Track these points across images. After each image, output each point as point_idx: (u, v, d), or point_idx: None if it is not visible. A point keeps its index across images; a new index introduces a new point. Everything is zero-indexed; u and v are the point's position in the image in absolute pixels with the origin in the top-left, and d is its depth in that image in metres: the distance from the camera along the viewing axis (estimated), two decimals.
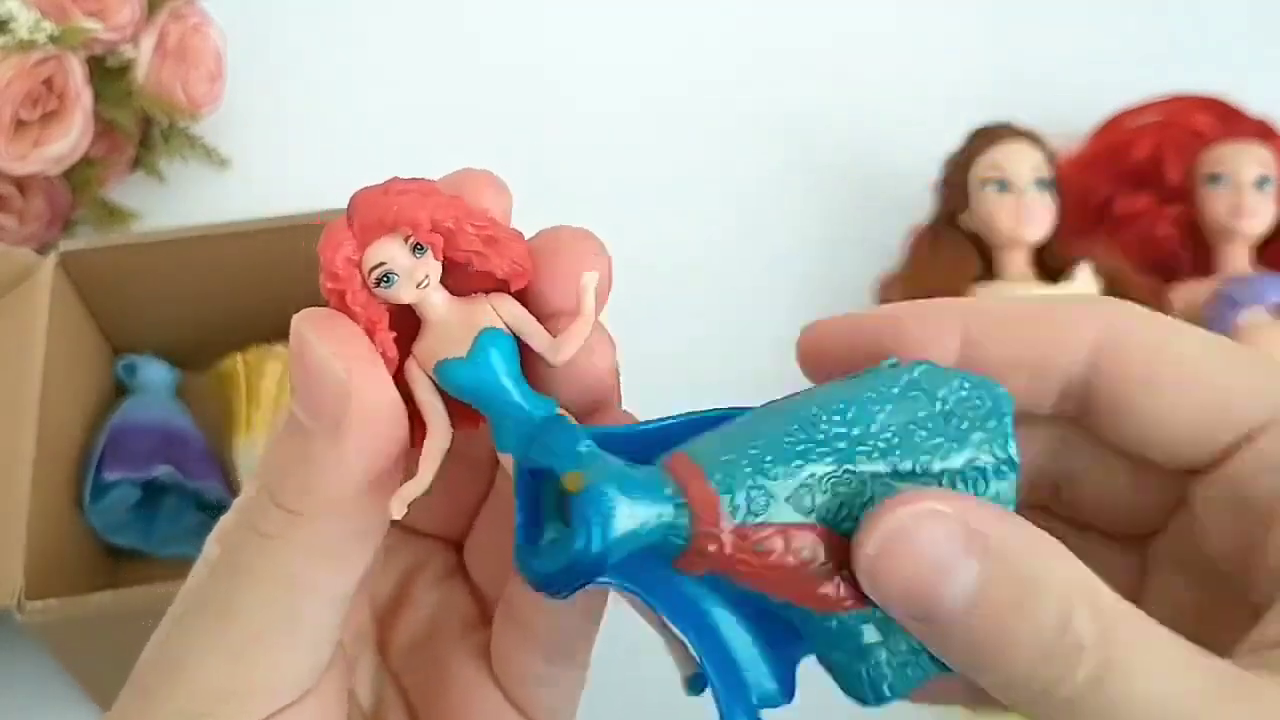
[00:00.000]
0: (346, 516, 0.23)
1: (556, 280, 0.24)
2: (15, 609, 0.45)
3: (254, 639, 0.23)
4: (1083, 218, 0.66)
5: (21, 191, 0.62)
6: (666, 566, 0.22)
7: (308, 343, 0.22)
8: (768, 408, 0.23)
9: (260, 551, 0.23)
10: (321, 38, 0.78)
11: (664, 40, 0.79)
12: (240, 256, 0.57)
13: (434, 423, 0.23)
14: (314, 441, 0.22)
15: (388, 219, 0.22)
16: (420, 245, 0.22)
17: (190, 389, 0.60)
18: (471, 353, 0.23)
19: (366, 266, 0.22)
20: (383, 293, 0.22)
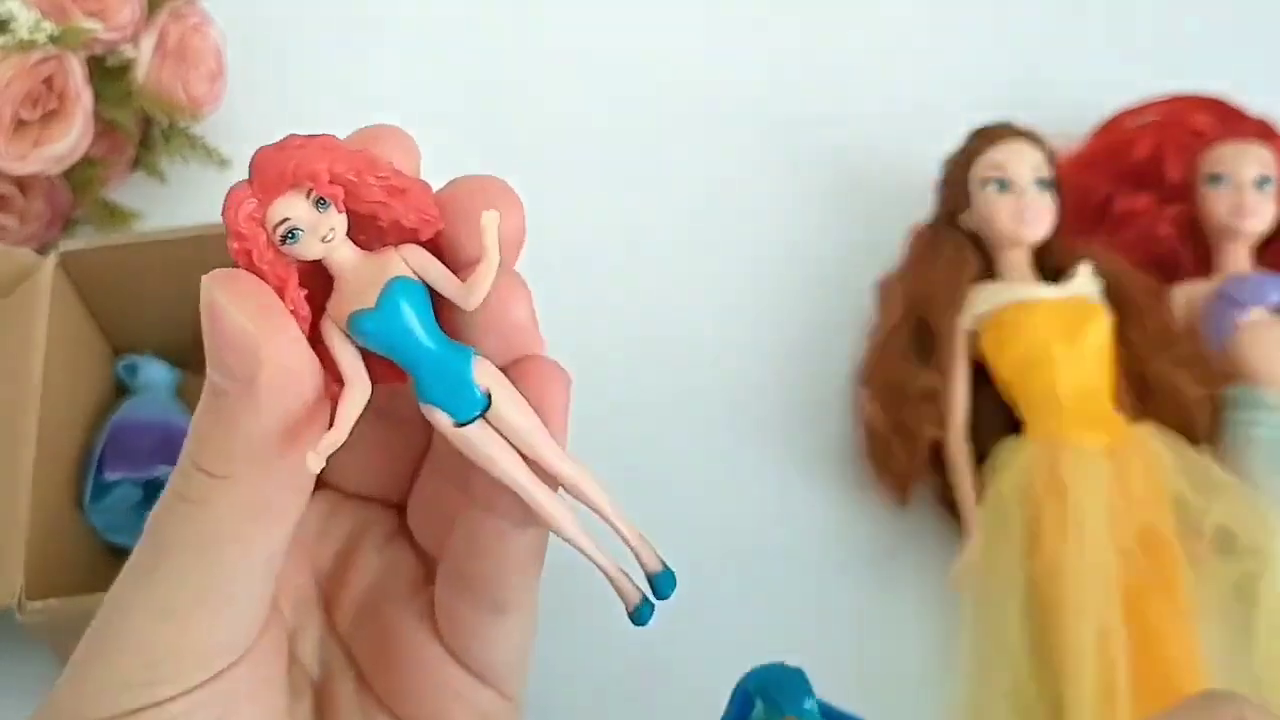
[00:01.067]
0: (266, 474, 0.23)
1: (468, 227, 0.24)
2: (15, 609, 0.45)
3: (185, 604, 0.23)
4: (1083, 218, 0.66)
5: (22, 191, 0.62)
6: None
7: (216, 303, 0.22)
8: None
9: (186, 517, 0.23)
10: (322, 38, 0.78)
11: (664, 40, 0.79)
12: None
13: (350, 377, 0.23)
14: (230, 403, 0.23)
15: (287, 173, 0.22)
16: (322, 200, 0.22)
17: (190, 389, 0.60)
18: (380, 302, 0.22)
19: (270, 224, 0.22)
20: (289, 249, 0.22)
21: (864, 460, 0.61)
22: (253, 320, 0.22)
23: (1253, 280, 0.62)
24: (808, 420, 0.63)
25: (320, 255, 0.22)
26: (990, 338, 0.60)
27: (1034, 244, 0.62)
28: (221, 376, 0.22)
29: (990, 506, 0.56)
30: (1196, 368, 0.60)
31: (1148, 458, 0.57)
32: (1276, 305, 0.61)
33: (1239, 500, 0.56)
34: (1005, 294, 0.60)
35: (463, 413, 0.23)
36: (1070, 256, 0.61)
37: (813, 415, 0.63)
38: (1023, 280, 0.61)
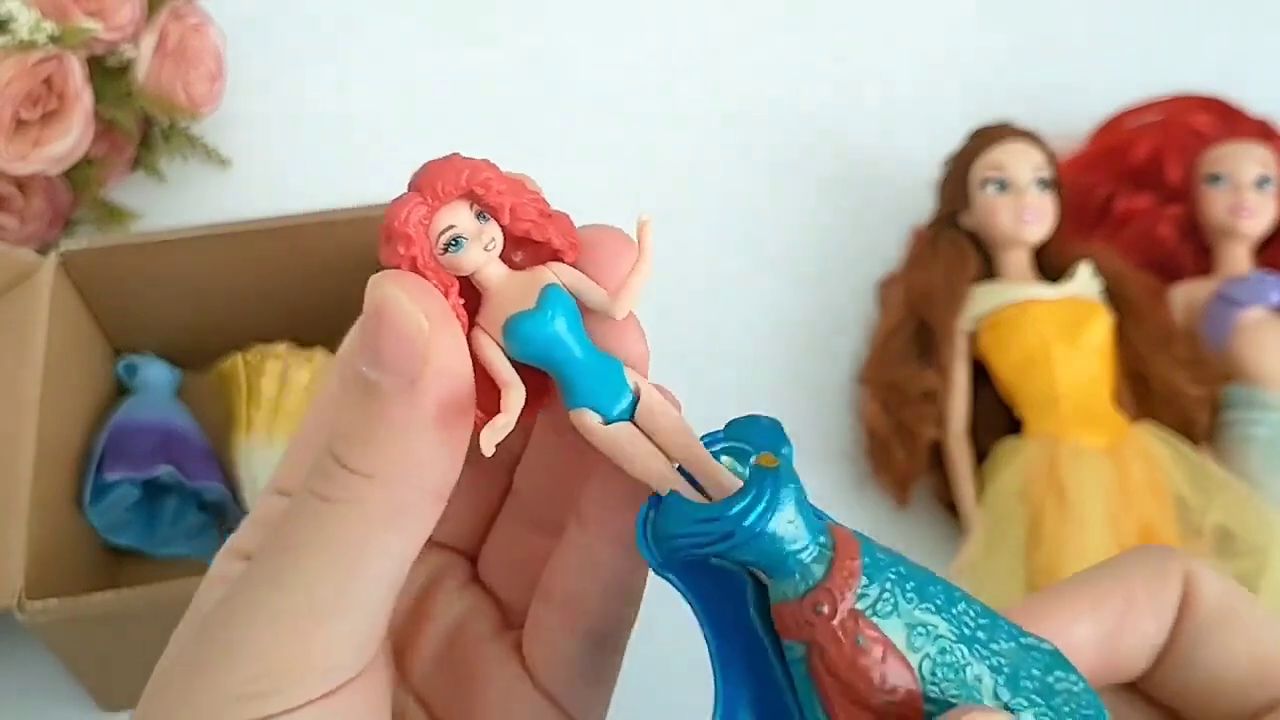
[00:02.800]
0: (414, 475, 0.22)
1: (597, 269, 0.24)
2: (16, 609, 0.45)
3: (312, 612, 0.22)
4: (1083, 218, 0.67)
5: (22, 191, 0.62)
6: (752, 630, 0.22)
7: (390, 296, 0.22)
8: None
9: (325, 517, 0.22)
10: (321, 38, 0.78)
11: (665, 41, 0.80)
12: (240, 256, 0.57)
13: (508, 379, 0.23)
14: (386, 399, 0.22)
15: (460, 181, 0.22)
16: (483, 213, 0.23)
17: (190, 389, 0.60)
18: (539, 303, 0.23)
19: (434, 231, 0.22)
20: (450, 258, 0.22)
21: (864, 459, 0.61)
22: (424, 313, 0.22)
23: (1252, 280, 0.62)
24: (808, 420, 0.63)
25: (478, 266, 0.23)
26: (990, 337, 0.60)
27: (1034, 244, 0.62)
28: (380, 371, 0.22)
29: (990, 506, 0.57)
30: (1196, 367, 0.60)
31: (1147, 457, 0.57)
32: (1275, 305, 0.61)
33: (1238, 499, 0.56)
34: (1005, 294, 0.60)
35: (613, 409, 0.23)
36: (1070, 256, 0.61)
37: (813, 415, 0.63)
38: (1023, 280, 0.61)
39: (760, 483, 0.21)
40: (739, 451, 0.23)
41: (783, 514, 0.21)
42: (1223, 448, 0.59)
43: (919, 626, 0.21)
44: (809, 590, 0.21)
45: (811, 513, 0.22)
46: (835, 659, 0.21)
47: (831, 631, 0.21)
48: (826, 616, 0.21)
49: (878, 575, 0.22)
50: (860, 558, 0.22)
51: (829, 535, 0.22)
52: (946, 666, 0.21)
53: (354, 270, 0.59)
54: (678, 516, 0.22)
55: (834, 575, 0.21)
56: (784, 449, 0.22)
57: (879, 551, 0.22)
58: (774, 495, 0.21)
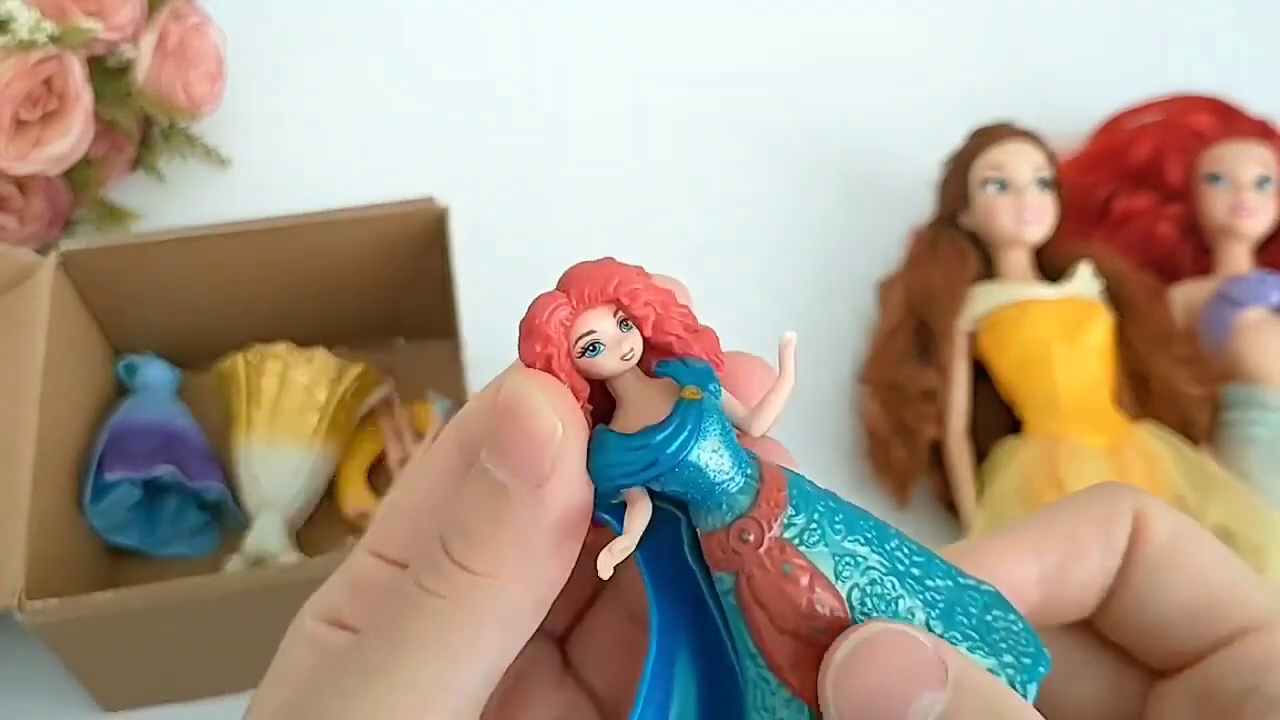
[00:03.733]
0: (530, 584, 0.22)
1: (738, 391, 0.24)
2: (16, 609, 0.45)
3: (417, 704, 0.21)
4: (1083, 218, 0.67)
5: (22, 191, 0.62)
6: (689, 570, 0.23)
7: (526, 395, 0.22)
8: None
9: (436, 614, 0.22)
10: (321, 38, 0.78)
11: (665, 40, 0.80)
12: (240, 256, 0.57)
13: (633, 493, 0.23)
14: (508, 501, 0.22)
15: (608, 289, 0.22)
16: (627, 321, 0.23)
17: (190, 389, 0.60)
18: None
19: (575, 335, 0.22)
20: (586, 362, 0.22)
21: (864, 459, 0.61)
22: (562, 420, 0.22)
23: (1252, 280, 0.62)
24: (808, 419, 0.63)
25: (614, 373, 0.23)
26: (990, 337, 0.60)
27: (1034, 244, 0.62)
28: (506, 472, 0.22)
29: (990, 506, 0.57)
30: (1195, 367, 0.60)
31: (1147, 456, 0.57)
32: (1275, 305, 0.61)
33: (1237, 499, 0.56)
34: (1005, 294, 0.60)
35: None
36: (1070, 256, 0.61)
37: (813, 414, 0.63)
38: (1023, 280, 0.61)
39: (684, 413, 0.22)
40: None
41: (706, 443, 0.22)
42: (1223, 448, 0.59)
43: (848, 557, 0.22)
44: (735, 520, 0.22)
45: (738, 447, 0.22)
46: (762, 586, 0.22)
47: (758, 559, 0.22)
48: (753, 545, 0.22)
49: (805, 506, 0.22)
50: (787, 489, 0.22)
51: (756, 467, 0.22)
52: (877, 597, 0.22)
53: (354, 270, 0.59)
54: (610, 447, 0.22)
55: (760, 505, 0.22)
56: (710, 385, 0.23)
57: (808, 485, 0.23)
58: (696, 425, 0.22)
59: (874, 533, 0.22)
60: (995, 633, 0.23)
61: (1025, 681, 0.22)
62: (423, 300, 0.59)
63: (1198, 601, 0.24)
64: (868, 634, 0.21)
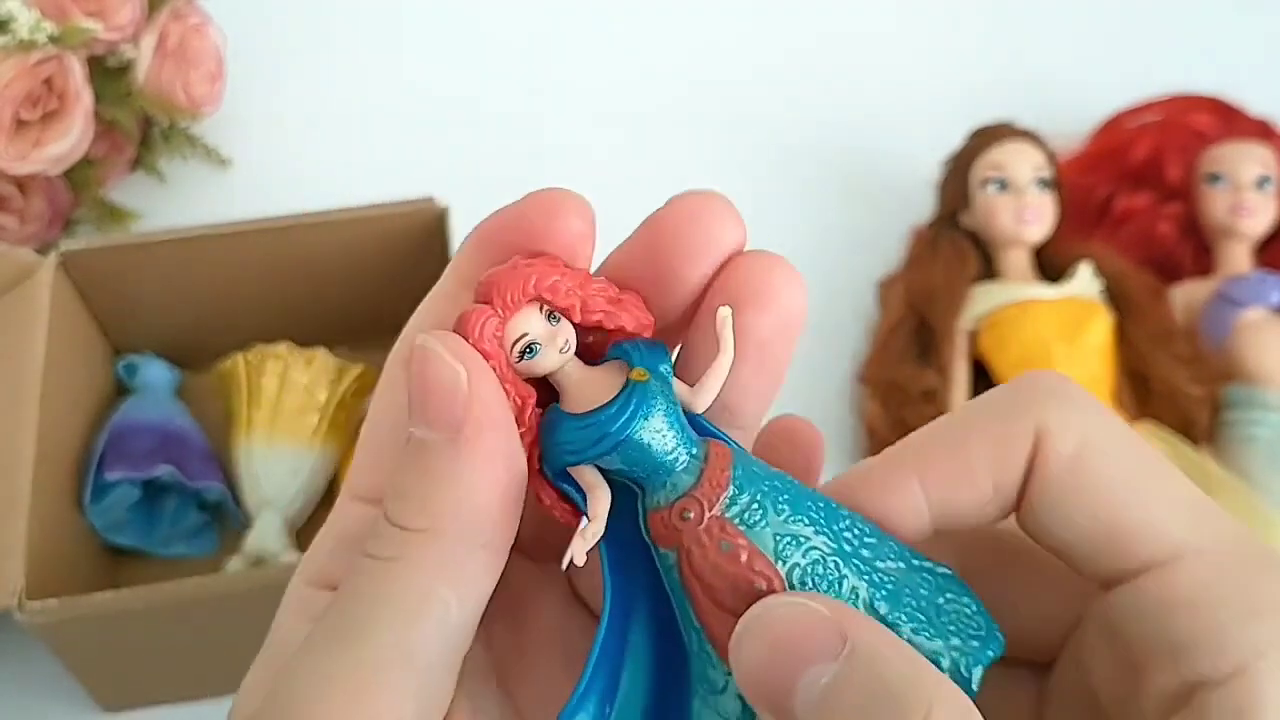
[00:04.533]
0: (469, 530, 0.22)
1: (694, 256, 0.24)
2: (15, 609, 0.45)
3: (375, 667, 0.21)
4: (1083, 218, 0.67)
5: (22, 191, 0.62)
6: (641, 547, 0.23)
7: (430, 351, 0.22)
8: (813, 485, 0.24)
9: (380, 575, 0.22)
10: (321, 38, 0.78)
11: (665, 41, 0.80)
12: (240, 256, 0.57)
13: (592, 482, 0.23)
14: (431, 454, 0.22)
15: (528, 289, 0.23)
16: (554, 314, 0.23)
17: (190, 389, 0.60)
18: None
19: (509, 340, 0.23)
20: (525, 365, 0.23)
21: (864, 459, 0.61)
22: (462, 365, 0.22)
23: (1252, 280, 0.62)
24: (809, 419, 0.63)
25: (555, 367, 0.23)
26: (990, 337, 0.60)
27: (1034, 244, 0.62)
28: (426, 425, 0.22)
29: None
30: (1196, 367, 0.60)
31: None
32: (1275, 305, 0.61)
33: (1238, 499, 0.56)
34: (1005, 294, 0.60)
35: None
36: (1070, 256, 0.61)
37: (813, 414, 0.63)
38: (1023, 280, 0.61)
39: (629, 394, 0.23)
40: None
41: (649, 422, 0.22)
42: (1223, 447, 0.59)
43: (789, 537, 0.22)
44: (679, 498, 0.22)
45: (685, 427, 0.23)
46: (700, 563, 0.22)
47: (697, 536, 0.22)
48: (693, 522, 0.22)
49: (749, 486, 0.23)
50: (731, 469, 0.23)
51: (702, 447, 0.23)
52: (819, 577, 0.22)
53: (354, 270, 0.59)
54: (559, 427, 0.23)
55: (702, 484, 0.22)
56: (662, 367, 0.23)
57: (756, 466, 0.23)
58: (640, 404, 0.22)
59: (822, 514, 0.23)
60: (944, 615, 0.23)
61: (971, 665, 0.22)
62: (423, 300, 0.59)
63: (1098, 531, 0.22)
64: (764, 606, 0.21)
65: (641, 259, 0.24)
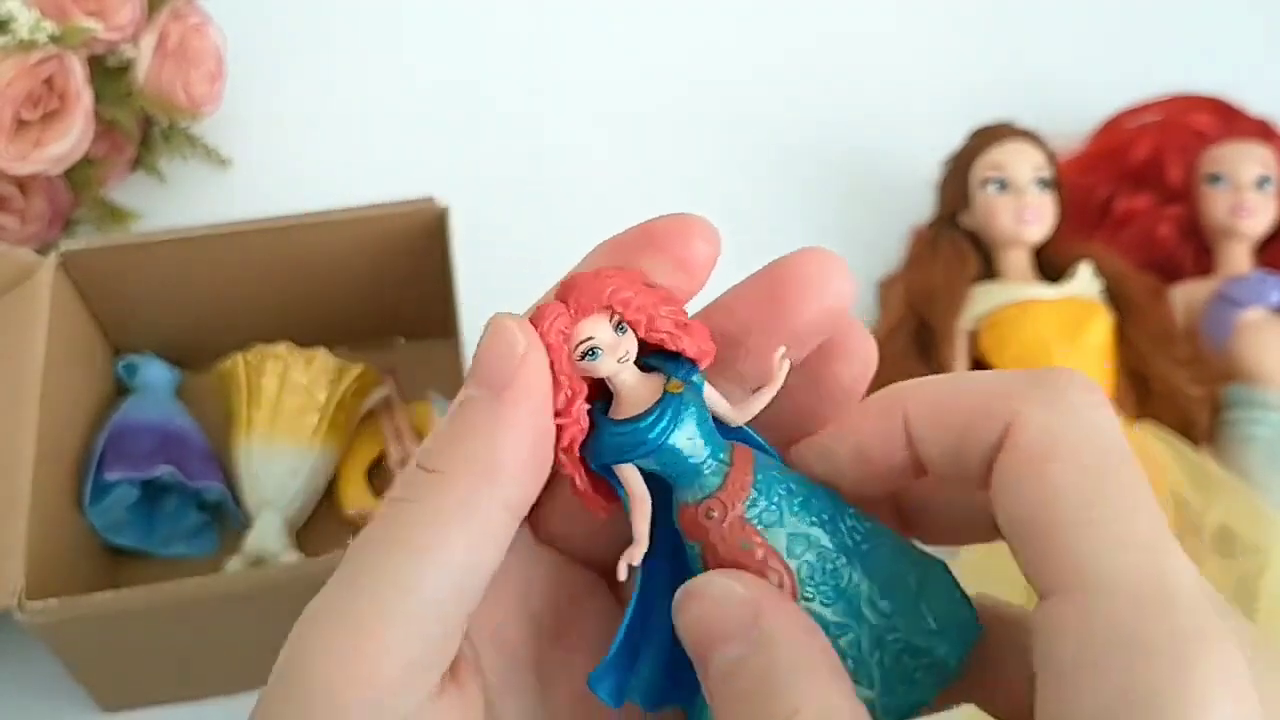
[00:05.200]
0: (484, 478, 0.23)
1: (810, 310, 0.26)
2: (15, 609, 0.45)
3: (379, 607, 0.22)
4: (1083, 218, 0.67)
5: (22, 191, 0.62)
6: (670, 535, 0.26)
7: (500, 324, 0.24)
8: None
9: (394, 517, 0.23)
10: (321, 38, 0.78)
11: (665, 41, 0.80)
12: (240, 256, 0.57)
13: (635, 491, 0.25)
14: (470, 409, 0.24)
15: (602, 299, 0.25)
16: (623, 325, 0.25)
17: (190, 389, 0.60)
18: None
19: (575, 341, 0.25)
20: (585, 365, 0.25)
21: None
22: (525, 339, 0.24)
23: (1252, 280, 0.62)
24: None
25: (611, 373, 0.25)
26: (990, 337, 0.60)
27: (1034, 244, 0.62)
28: (476, 385, 0.24)
29: None
30: (1196, 367, 0.60)
31: (1147, 457, 0.57)
32: (1275, 305, 0.61)
33: (1239, 499, 0.56)
34: (1005, 294, 0.60)
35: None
36: (1070, 256, 0.61)
37: None
38: (1023, 280, 0.61)
39: (665, 404, 0.25)
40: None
41: (682, 431, 0.25)
42: (1223, 448, 0.59)
43: (800, 536, 0.25)
44: (705, 498, 0.25)
45: (714, 434, 0.25)
46: (723, 558, 0.25)
47: (720, 534, 0.25)
48: (716, 520, 0.25)
49: (768, 491, 0.25)
50: (753, 475, 0.25)
51: (729, 453, 0.25)
52: (823, 572, 0.25)
53: (354, 270, 0.59)
54: (603, 431, 0.25)
55: (727, 487, 0.25)
56: (694, 378, 0.25)
57: (775, 472, 0.26)
58: (675, 415, 0.25)
59: (829, 514, 0.25)
60: (926, 602, 0.25)
61: (946, 656, 0.25)
62: (423, 300, 0.59)
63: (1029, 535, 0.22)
64: (703, 580, 0.24)
65: (756, 302, 0.27)
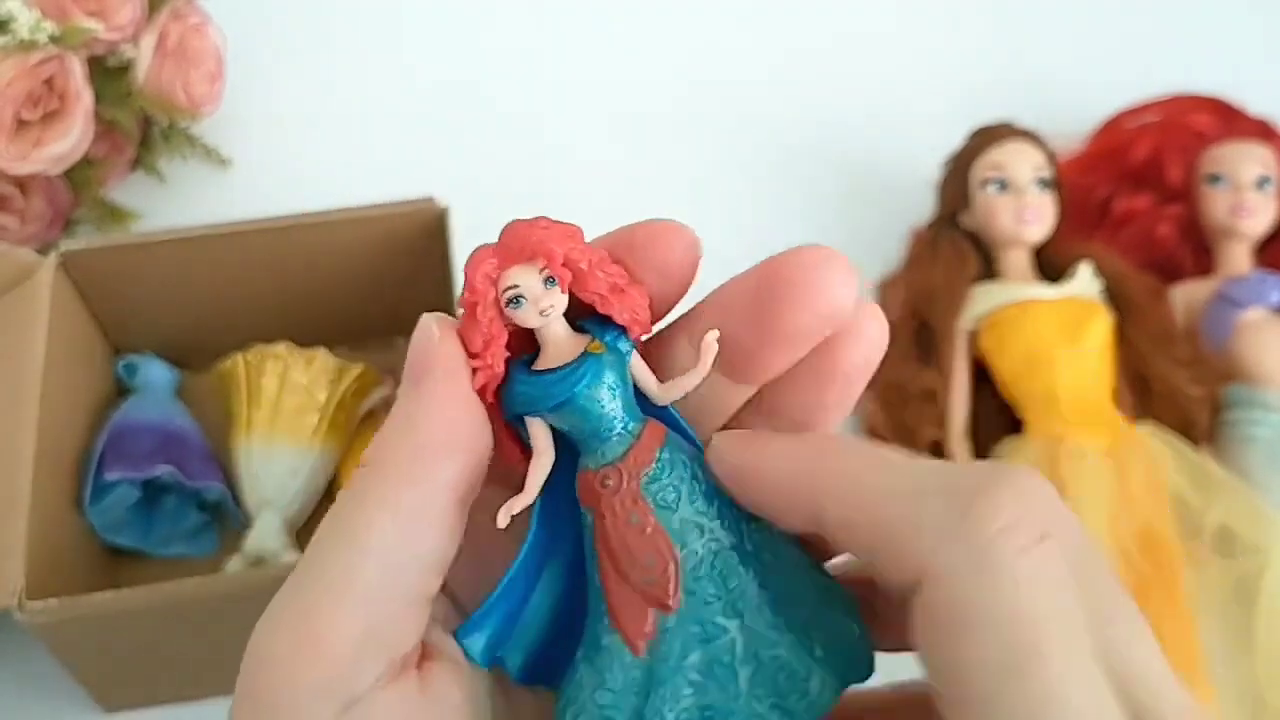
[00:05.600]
0: (412, 461, 0.24)
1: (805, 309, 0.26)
2: (15, 609, 0.45)
3: (319, 594, 0.23)
4: (1083, 218, 0.67)
5: (22, 191, 0.62)
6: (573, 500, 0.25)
7: (423, 318, 0.25)
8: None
9: (333, 512, 0.24)
10: (321, 38, 0.78)
11: (666, 41, 0.80)
12: (240, 256, 0.57)
13: (540, 446, 0.25)
14: (400, 401, 0.24)
15: (527, 247, 0.24)
16: (552, 278, 0.24)
17: (190, 389, 0.60)
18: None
19: (501, 287, 0.24)
20: (510, 313, 0.24)
21: None
22: (439, 328, 0.25)
23: (1252, 280, 0.62)
24: None
25: (535, 325, 0.25)
26: (990, 337, 0.60)
27: (1034, 244, 0.62)
28: (404, 385, 0.25)
29: None
30: (1196, 367, 0.60)
31: (1147, 457, 0.57)
32: (1275, 305, 0.61)
33: (1239, 499, 0.56)
34: (1005, 294, 0.60)
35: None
36: (1070, 256, 0.61)
37: None
38: (1023, 280, 0.61)
39: (581, 362, 0.24)
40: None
41: (592, 391, 0.24)
42: (1223, 448, 0.59)
43: (695, 526, 0.24)
44: (605, 465, 0.24)
45: (631, 404, 0.25)
46: (609, 529, 0.24)
47: (612, 504, 0.24)
48: (610, 489, 0.24)
49: (672, 471, 0.24)
50: (659, 451, 0.24)
51: (641, 424, 0.25)
52: (711, 567, 0.24)
53: (354, 270, 0.59)
54: (516, 381, 0.25)
55: (628, 458, 0.24)
56: (621, 345, 0.25)
57: (685, 456, 0.25)
58: (588, 375, 0.24)
59: (733, 514, 0.24)
60: (819, 629, 0.24)
61: (821, 688, 0.24)
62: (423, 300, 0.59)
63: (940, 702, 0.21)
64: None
65: (748, 301, 0.27)
